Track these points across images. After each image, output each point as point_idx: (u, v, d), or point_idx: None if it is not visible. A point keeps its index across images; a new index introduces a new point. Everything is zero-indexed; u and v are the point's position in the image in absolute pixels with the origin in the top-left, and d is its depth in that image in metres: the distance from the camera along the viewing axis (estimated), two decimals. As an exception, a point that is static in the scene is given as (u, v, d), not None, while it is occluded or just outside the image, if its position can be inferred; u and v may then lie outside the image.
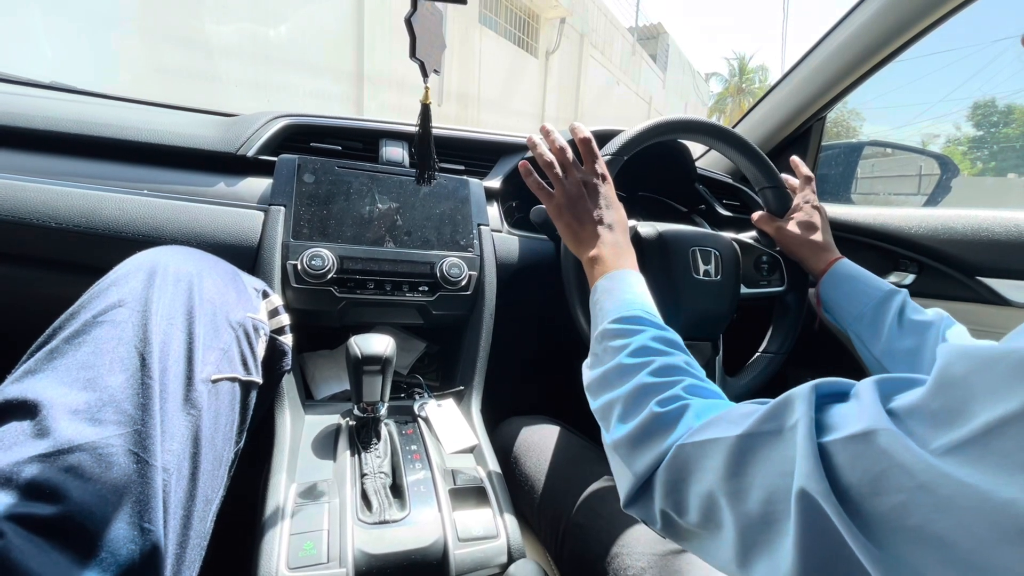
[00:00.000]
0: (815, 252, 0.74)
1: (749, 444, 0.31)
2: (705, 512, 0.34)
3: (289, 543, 0.46)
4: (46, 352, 0.36)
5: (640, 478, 0.39)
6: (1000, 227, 0.79)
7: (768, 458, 0.30)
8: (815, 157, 1.14)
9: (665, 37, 20.45)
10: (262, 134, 0.75)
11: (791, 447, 0.29)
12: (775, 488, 0.29)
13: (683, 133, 0.75)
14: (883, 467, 0.24)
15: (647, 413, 0.40)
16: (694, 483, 0.35)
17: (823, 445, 0.27)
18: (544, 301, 0.81)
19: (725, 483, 0.32)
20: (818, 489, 0.25)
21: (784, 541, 0.27)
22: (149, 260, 0.44)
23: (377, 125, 0.83)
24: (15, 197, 0.59)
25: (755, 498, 0.30)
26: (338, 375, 0.77)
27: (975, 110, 3.43)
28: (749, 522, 0.30)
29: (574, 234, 0.60)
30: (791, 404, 0.30)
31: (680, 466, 0.36)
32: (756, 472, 0.30)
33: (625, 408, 0.42)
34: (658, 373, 0.43)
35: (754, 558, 0.30)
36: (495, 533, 0.52)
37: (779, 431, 0.30)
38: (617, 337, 0.48)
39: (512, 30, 10.17)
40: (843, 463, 0.26)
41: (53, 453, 0.31)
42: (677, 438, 0.37)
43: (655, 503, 0.38)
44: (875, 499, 0.24)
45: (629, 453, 0.40)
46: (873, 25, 0.89)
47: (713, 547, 0.34)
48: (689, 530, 0.36)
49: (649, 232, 0.73)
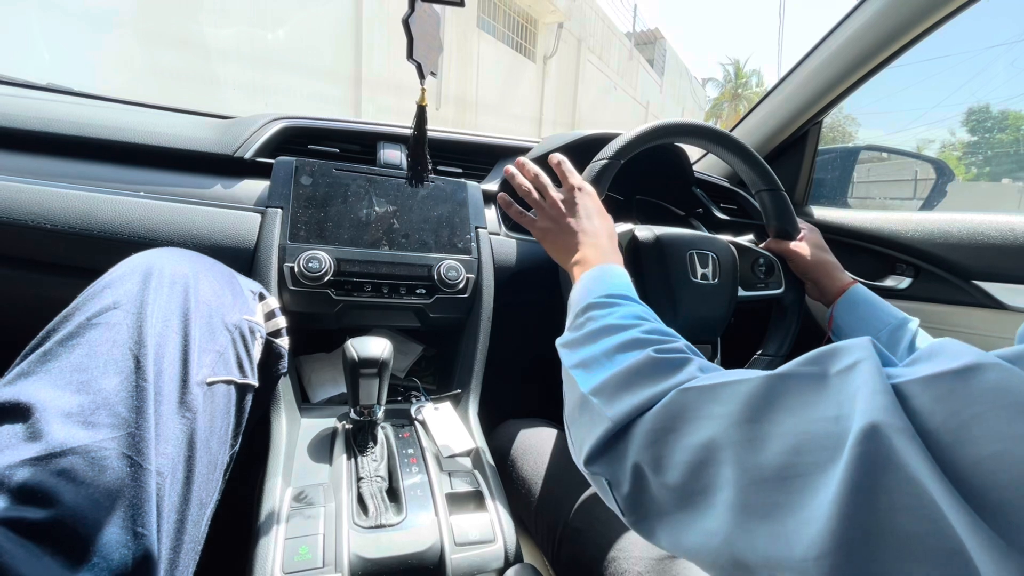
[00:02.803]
0: (829, 274, 0.75)
1: (781, 385, 0.26)
2: (693, 469, 0.28)
3: (284, 547, 0.45)
4: (40, 354, 0.36)
5: (617, 424, 0.33)
6: (995, 231, 0.79)
7: (805, 401, 0.25)
8: (811, 161, 1.15)
9: (662, 42, 20.56)
10: (260, 136, 0.75)
11: (840, 391, 0.24)
12: (809, 434, 0.24)
13: (680, 137, 0.75)
14: (980, 410, 0.19)
15: (643, 356, 0.35)
16: (690, 432, 0.29)
17: (897, 386, 0.22)
18: (541, 304, 0.81)
19: (737, 429, 0.27)
20: (897, 426, 0.20)
21: (809, 501, 0.23)
22: (145, 262, 0.43)
23: (375, 128, 0.83)
24: (10, 198, 0.58)
25: (777, 448, 0.25)
26: (334, 378, 0.76)
27: (969, 116, 3.46)
28: (760, 477, 0.25)
29: (563, 248, 0.60)
30: (843, 350, 0.26)
31: (676, 413, 0.31)
32: (784, 417, 0.25)
33: (614, 355, 0.37)
34: (653, 332, 0.39)
35: (755, 525, 0.25)
36: (492, 537, 0.51)
37: (823, 375, 0.25)
38: (601, 308, 0.45)
39: (510, 34, 10.21)
40: (924, 404, 0.21)
41: (45, 456, 0.31)
42: (677, 383, 0.32)
43: (628, 457, 0.32)
44: (963, 448, 0.19)
45: (610, 397, 0.35)
46: (868, 31, 0.90)
47: (693, 520, 0.28)
48: (660, 500, 0.31)
49: (646, 236, 0.73)
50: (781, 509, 0.24)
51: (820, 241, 0.79)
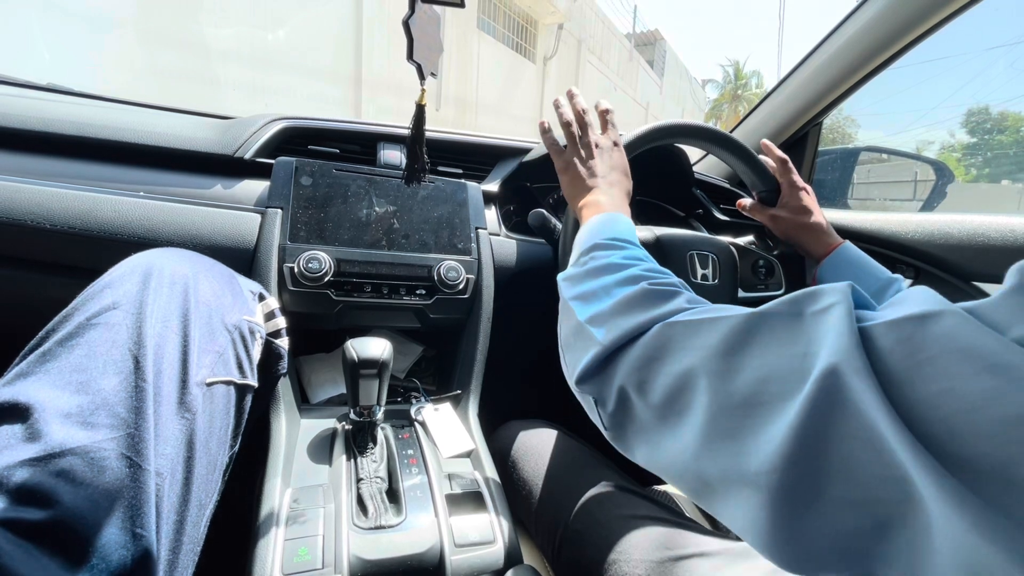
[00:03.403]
0: (816, 235, 0.73)
1: (759, 322, 0.29)
2: (672, 393, 0.31)
3: (283, 548, 0.45)
4: (39, 354, 0.36)
5: (608, 349, 0.36)
6: (995, 232, 0.79)
7: (778, 337, 0.27)
8: (811, 162, 1.15)
9: (662, 43, 20.58)
10: (260, 136, 0.75)
11: (813, 329, 0.26)
12: (776, 368, 0.26)
13: (681, 138, 0.75)
14: (935, 352, 0.21)
15: (638, 288, 0.38)
16: (672, 361, 0.32)
17: (864, 328, 0.24)
18: (542, 304, 0.81)
19: (713, 360, 0.29)
20: (855, 367, 0.22)
21: (768, 427, 0.25)
22: (144, 262, 0.43)
23: (375, 128, 0.83)
24: (10, 198, 0.58)
25: (745, 378, 0.27)
26: (334, 379, 0.76)
27: (969, 117, 3.46)
28: (729, 404, 0.28)
29: (575, 188, 0.61)
30: (820, 293, 0.27)
31: (662, 344, 0.33)
32: (758, 351, 0.28)
33: (612, 288, 0.40)
34: (652, 271, 0.42)
35: (719, 446, 0.28)
36: (492, 538, 0.51)
37: (799, 314, 0.27)
38: (606, 248, 0.47)
39: (510, 35, 10.22)
40: (885, 346, 0.23)
41: (44, 457, 0.31)
42: (667, 312, 0.35)
43: (615, 379, 0.35)
44: (914, 386, 0.21)
45: (604, 323, 0.38)
46: (868, 33, 0.90)
47: (666, 438, 0.31)
48: (641, 418, 0.34)
49: (647, 236, 0.73)
50: (744, 431, 0.26)
51: (806, 203, 0.75)
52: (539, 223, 0.77)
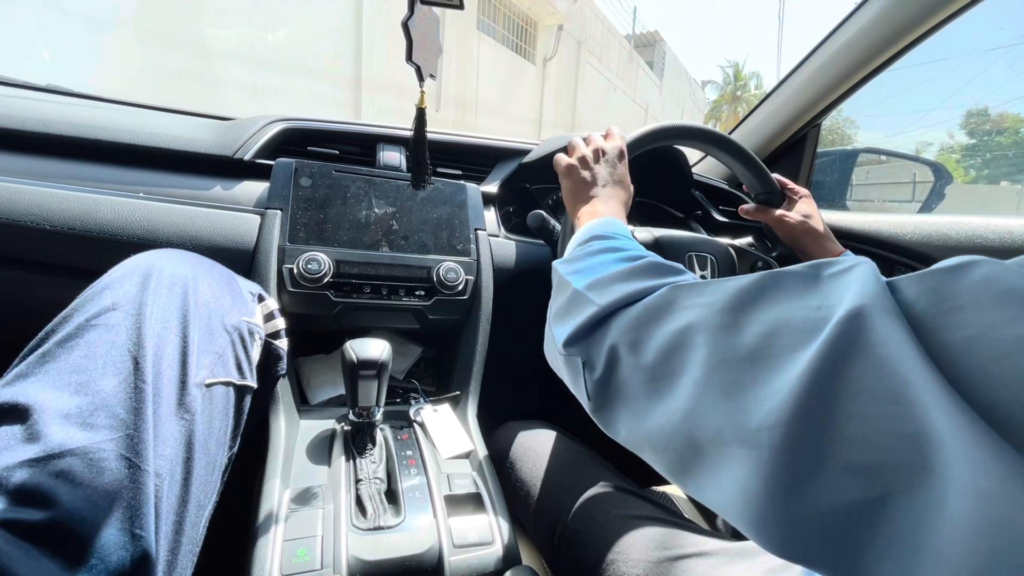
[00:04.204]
0: (818, 241, 0.73)
1: (770, 281, 0.27)
2: (667, 351, 0.29)
3: (282, 549, 0.45)
4: (38, 355, 0.36)
5: (605, 310, 0.35)
6: (994, 234, 0.79)
7: (789, 292, 0.26)
8: (810, 164, 1.15)
9: (662, 44, 20.60)
10: (259, 138, 0.75)
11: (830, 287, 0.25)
12: (786, 321, 0.25)
13: (680, 139, 0.75)
14: (965, 301, 0.20)
15: (644, 262, 0.37)
16: (671, 320, 0.30)
17: (889, 281, 0.23)
18: (541, 306, 0.81)
19: (717, 316, 0.28)
20: (882, 305, 0.21)
21: (774, 379, 0.23)
22: (144, 263, 0.43)
23: (374, 129, 0.84)
24: (10, 199, 0.58)
25: (752, 331, 0.26)
26: (333, 379, 0.76)
27: (968, 118, 3.46)
28: (731, 357, 0.26)
29: (573, 192, 0.61)
30: (838, 259, 0.26)
31: (664, 304, 0.31)
32: (766, 306, 0.26)
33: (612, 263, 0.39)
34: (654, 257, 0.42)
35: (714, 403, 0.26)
36: (490, 539, 0.51)
37: (815, 275, 0.26)
38: (608, 239, 0.47)
39: (510, 36, 10.22)
40: (911, 296, 0.21)
41: (44, 458, 0.31)
42: (670, 282, 0.33)
43: (607, 339, 0.34)
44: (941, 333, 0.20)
45: (605, 288, 0.36)
46: (867, 34, 0.90)
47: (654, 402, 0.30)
48: (629, 382, 0.32)
49: (645, 237, 0.73)
50: (745, 385, 0.24)
51: (809, 209, 0.76)
52: (538, 224, 0.77)
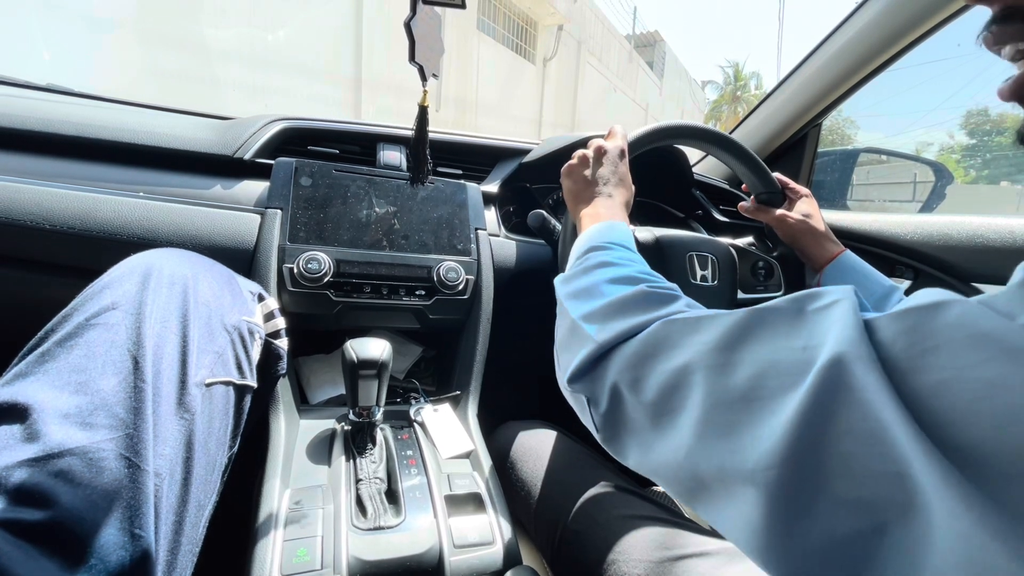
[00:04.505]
0: (818, 241, 0.73)
1: (758, 318, 0.28)
2: (668, 389, 0.30)
3: (282, 549, 0.45)
4: (38, 355, 0.36)
5: (603, 347, 0.35)
6: (995, 234, 0.79)
7: (777, 332, 0.27)
8: (811, 163, 1.15)
9: (662, 45, 20.60)
10: (259, 137, 0.75)
11: (813, 325, 0.26)
12: (774, 362, 0.26)
13: (680, 139, 0.75)
14: (940, 342, 0.21)
15: (635, 289, 0.38)
16: (668, 359, 0.31)
17: (868, 320, 0.24)
18: (541, 305, 0.81)
19: (711, 355, 0.29)
20: (859, 354, 0.22)
21: (767, 420, 0.25)
22: (144, 262, 0.43)
23: (375, 129, 0.83)
24: (10, 198, 0.58)
25: (744, 373, 0.27)
26: (334, 379, 0.76)
27: (968, 119, 3.45)
28: (726, 398, 0.27)
29: (574, 193, 0.62)
30: (822, 292, 0.27)
31: (659, 340, 0.33)
32: (756, 346, 0.27)
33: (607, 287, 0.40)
34: (646, 273, 0.43)
35: (714, 442, 0.27)
36: (491, 539, 0.51)
37: (800, 310, 0.27)
38: (605, 249, 0.48)
39: (510, 36, 10.22)
40: (888, 337, 0.22)
41: (43, 457, 0.30)
42: (665, 314, 0.34)
43: (608, 377, 0.35)
44: (917, 376, 0.21)
45: (599, 322, 0.37)
46: (867, 34, 0.90)
47: (659, 437, 0.31)
48: (633, 418, 0.33)
49: (646, 237, 0.73)
50: (741, 426, 0.26)
51: (810, 209, 0.76)
52: (539, 224, 0.77)
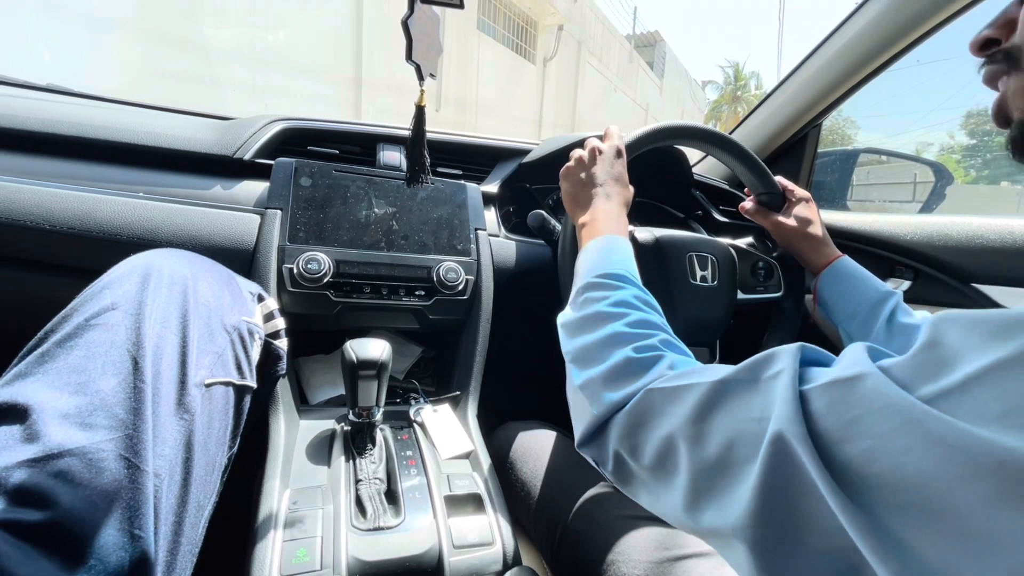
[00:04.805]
0: (815, 246, 0.74)
1: (722, 389, 0.32)
2: (660, 457, 0.35)
3: (282, 549, 0.45)
4: (37, 355, 0.36)
5: (600, 418, 0.40)
6: (994, 234, 0.79)
7: (738, 404, 0.31)
8: (811, 164, 1.15)
9: (662, 45, 20.60)
10: (259, 137, 0.75)
11: (765, 395, 0.29)
12: (738, 433, 0.29)
13: (680, 139, 0.75)
14: (860, 412, 0.24)
15: (621, 357, 0.41)
16: (655, 427, 0.35)
17: (803, 392, 0.27)
18: (541, 306, 0.81)
19: (688, 427, 0.33)
20: (795, 432, 0.26)
21: (739, 486, 0.28)
22: (143, 263, 0.43)
23: (374, 129, 0.83)
24: (10, 199, 0.58)
25: (715, 442, 0.31)
26: (333, 380, 0.76)
27: (968, 119, 3.45)
28: (705, 466, 0.31)
29: (573, 196, 0.63)
30: (774, 357, 0.31)
31: (644, 410, 0.37)
32: (722, 417, 0.31)
33: (599, 352, 0.43)
34: (635, 325, 0.44)
35: (704, 504, 0.31)
36: (491, 540, 0.51)
37: (755, 380, 0.31)
38: (599, 289, 0.49)
39: (510, 36, 10.22)
40: (819, 408, 0.26)
41: (43, 458, 0.30)
42: (648, 382, 0.38)
43: (610, 444, 0.39)
44: (845, 445, 0.24)
45: (595, 393, 0.41)
46: (867, 34, 0.90)
47: (662, 493, 0.35)
48: (640, 475, 0.37)
49: (646, 237, 0.73)
50: (721, 491, 0.30)
51: (808, 214, 0.76)
52: (538, 224, 0.77)
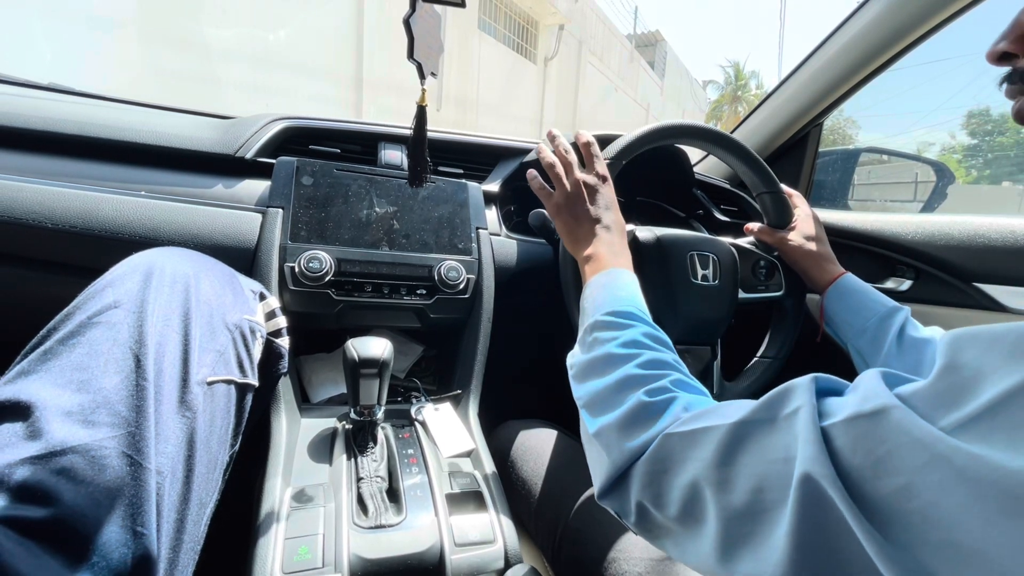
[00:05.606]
0: (819, 264, 0.74)
1: (743, 431, 0.31)
2: (686, 505, 0.33)
3: (284, 547, 0.45)
4: (40, 353, 0.36)
5: (619, 468, 0.38)
6: (996, 233, 0.79)
7: (761, 446, 0.30)
8: (812, 163, 1.15)
9: (663, 44, 20.58)
10: (261, 136, 0.75)
11: (787, 434, 0.28)
12: (766, 476, 0.28)
13: (681, 138, 0.75)
14: (888, 448, 0.23)
15: (634, 402, 0.39)
16: (678, 474, 0.34)
17: (825, 429, 0.26)
18: (542, 305, 0.81)
19: (712, 472, 0.31)
20: (823, 473, 0.25)
21: (774, 532, 0.27)
22: (146, 261, 0.44)
23: (376, 128, 0.84)
24: (12, 197, 0.58)
25: (743, 487, 0.29)
26: (335, 378, 0.76)
27: (969, 119, 3.45)
28: (735, 513, 0.30)
29: (571, 232, 0.61)
30: (789, 393, 0.30)
31: (664, 456, 0.35)
32: (747, 460, 0.30)
33: (611, 397, 0.42)
34: (646, 366, 0.43)
35: (738, 552, 0.29)
36: (492, 538, 0.51)
37: (774, 419, 0.30)
38: (608, 329, 0.48)
39: (511, 36, 10.22)
40: (845, 445, 0.25)
41: (45, 455, 0.31)
42: (664, 427, 0.36)
43: (631, 495, 0.37)
44: (877, 482, 0.23)
45: (611, 442, 0.39)
46: (868, 34, 0.90)
47: (691, 544, 0.33)
48: (666, 525, 0.36)
49: (647, 236, 0.73)
50: (756, 537, 0.28)
51: (814, 232, 0.77)
52: (540, 223, 0.77)
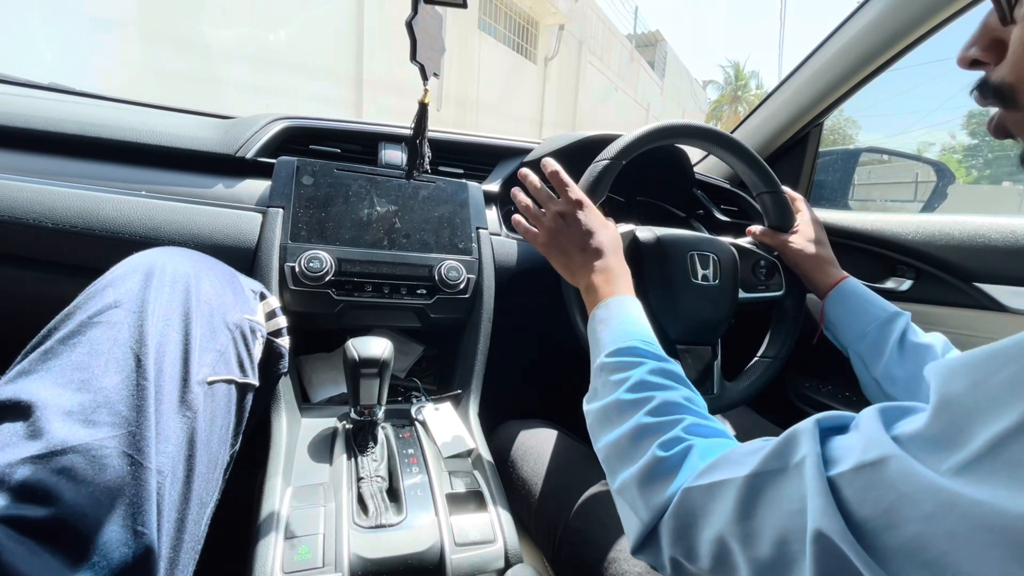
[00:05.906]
0: (821, 267, 0.74)
1: (757, 484, 0.31)
2: (717, 557, 0.33)
3: (284, 547, 0.45)
4: (41, 353, 0.36)
5: (647, 525, 0.38)
6: (996, 233, 0.79)
7: (777, 497, 0.30)
8: (812, 163, 1.15)
9: (663, 44, 20.58)
10: (261, 136, 0.75)
11: (799, 484, 0.29)
12: (787, 528, 0.29)
13: (682, 138, 0.75)
14: (894, 497, 0.23)
15: (650, 457, 0.40)
16: (703, 528, 0.34)
17: (832, 479, 0.27)
18: (542, 305, 0.81)
19: (735, 526, 0.32)
20: (834, 528, 0.25)
21: None
22: (146, 261, 0.44)
23: (376, 128, 0.84)
24: (12, 197, 0.58)
25: (768, 540, 0.30)
26: (335, 378, 0.76)
27: (970, 119, 3.44)
28: (764, 566, 0.30)
29: (565, 266, 0.61)
30: (796, 440, 0.30)
31: (687, 511, 0.36)
32: (766, 513, 0.30)
33: (627, 450, 0.42)
34: (657, 412, 0.43)
35: None
36: (492, 538, 0.51)
37: (784, 468, 0.30)
38: (615, 371, 0.47)
39: (511, 36, 10.22)
40: (853, 496, 0.25)
41: (46, 455, 0.31)
42: (682, 482, 0.37)
43: (664, 550, 0.38)
44: (889, 532, 0.23)
45: (634, 499, 0.40)
46: (869, 34, 0.90)
47: None
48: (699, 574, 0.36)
49: (647, 237, 0.73)
50: None
51: (816, 235, 0.77)
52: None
